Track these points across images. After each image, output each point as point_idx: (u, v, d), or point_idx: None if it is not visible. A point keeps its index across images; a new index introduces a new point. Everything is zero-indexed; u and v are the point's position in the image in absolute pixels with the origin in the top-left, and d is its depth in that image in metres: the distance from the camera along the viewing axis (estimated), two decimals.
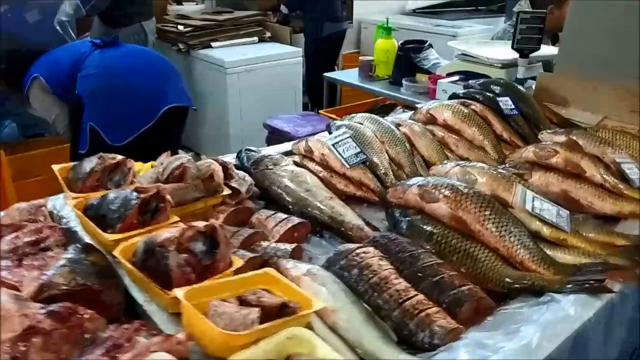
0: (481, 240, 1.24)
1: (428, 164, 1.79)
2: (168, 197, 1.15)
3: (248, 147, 1.65)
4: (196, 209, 1.35)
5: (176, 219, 1.16)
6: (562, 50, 2.24)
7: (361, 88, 3.31)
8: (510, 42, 2.42)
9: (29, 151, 3.36)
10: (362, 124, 1.79)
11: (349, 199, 1.57)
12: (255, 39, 4.42)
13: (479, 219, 1.25)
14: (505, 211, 1.29)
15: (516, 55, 2.43)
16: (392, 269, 1.12)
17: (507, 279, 1.15)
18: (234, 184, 1.44)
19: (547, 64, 2.86)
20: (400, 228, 1.35)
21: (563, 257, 1.24)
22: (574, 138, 1.79)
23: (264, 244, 1.25)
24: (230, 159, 1.65)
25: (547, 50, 2.49)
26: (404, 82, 3.12)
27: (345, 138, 1.65)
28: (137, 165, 1.55)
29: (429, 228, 1.29)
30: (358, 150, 1.63)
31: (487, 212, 1.26)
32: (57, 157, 3.45)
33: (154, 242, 0.93)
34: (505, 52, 2.48)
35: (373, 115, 1.85)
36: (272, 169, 1.52)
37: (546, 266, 1.18)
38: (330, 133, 1.77)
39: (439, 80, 2.73)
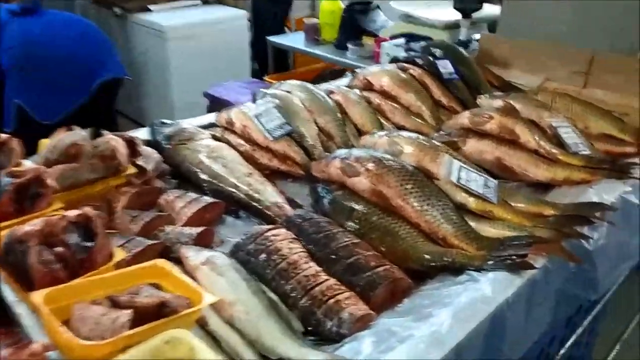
0: (403, 215, 1.16)
1: (362, 134, 1.70)
2: (49, 180, 1.02)
3: (162, 120, 1.51)
4: (94, 192, 1.22)
5: (59, 205, 1.04)
6: (504, 10, 2.16)
7: (305, 53, 3.17)
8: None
9: None
10: (290, 92, 1.67)
11: (273, 174, 1.47)
12: (198, 1, 4.17)
13: (400, 193, 1.17)
14: (429, 183, 1.21)
15: (459, 15, 2.33)
16: (302, 252, 1.03)
17: (427, 256, 1.08)
18: (140, 162, 1.31)
19: (494, 25, 2.78)
20: (323, 205, 1.26)
21: (488, 230, 1.17)
22: (511, 102, 1.72)
23: (168, 228, 1.14)
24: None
25: (492, 10, 2.40)
26: (349, 45, 2.99)
27: (270, 108, 1.53)
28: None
29: (350, 204, 1.20)
30: (283, 120, 1.51)
31: (409, 186, 1.18)
32: None
33: (13, 236, 0.81)
34: (448, 12, 2.37)
35: (302, 83, 1.73)
36: (185, 144, 1.40)
37: (469, 241, 1.11)
38: (255, 103, 1.65)
39: (382, 43, 2.62)
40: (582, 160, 1.50)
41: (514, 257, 1.03)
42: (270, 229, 1.07)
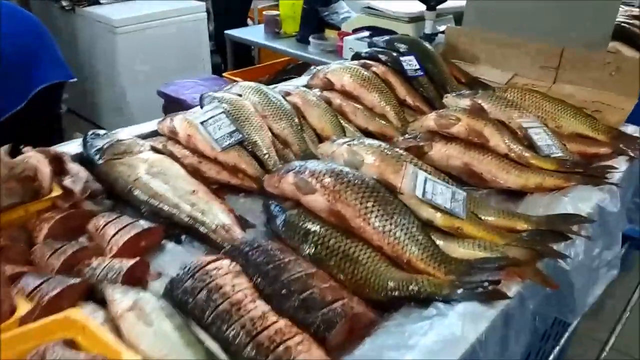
0: (364, 238, 1.04)
1: (322, 139, 1.57)
2: None
3: (95, 131, 1.35)
4: (12, 219, 1.06)
5: None
6: (469, 1, 2.05)
7: (265, 47, 3.01)
8: None
9: None
10: (241, 95, 1.53)
11: (223, 189, 1.33)
12: None
13: (359, 213, 1.04)
14: (392, 200, 1.09)
15: (424, 7, 2.21)
16: (248, 289, 0.90)
17: (390, 284, 0.96)
18: (66, 182, 1.15)
19: (461, 17, 2.68)
20: (276, 226, 1.13)
21: (457, 250, 1.06)
22: (479, 101, 1.61)
23: (95, 262, 0.99)
24: None
25: (458, 2, 2.29)
26: (311, 39, 2.85)
27: (217, 114, 1.39)
28: None
29: (305, 225, 1.08)
30: (232, 128, 1.37)
31: (370, 204, 1.05)
32: None
33: None
34: (412, 4, 2.25)
35: (256, 85, 1.58)
36: (120, 159, 1.24)
37: (436, 265, 1.00)
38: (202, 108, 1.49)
39: (345, 38, 2.48)
40: (555, 164, 1.41)
41: (486, 283, 0.93)
42: (211, 261, 0.94)
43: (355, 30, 2.52)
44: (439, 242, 1.07)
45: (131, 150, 1.27)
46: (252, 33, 3.18)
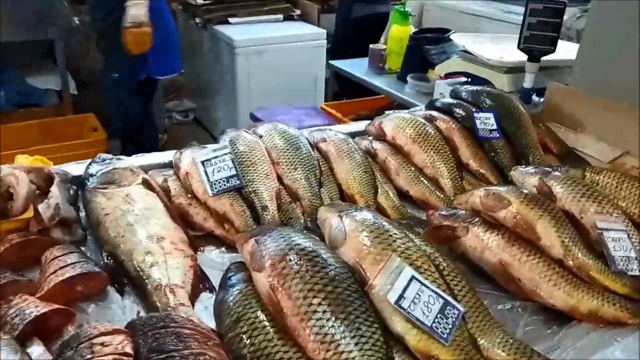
0: (298, 343, 0.83)
1: (346, 197, 1.36)
2: None
3: (102, 155, 1.31)
4: None
5: None
6: (580, 56, 1.67)
7: (360, 81, 2.85)
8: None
9: (19, 121, 3.26)
10: (262, 136, 1.39)
11: (208, 238, 1.20)
12: (280, 16, 4.04)
13: (299, 310, 0.83)
14: (353, 300, 0.86)
15: (525, 57, 1.87)
16: None
17: None
18: (40, 206, 1.11)
19: None
20: (217, 300, 0.97)
21: None
22: (549, 182, 1.28)
23: (15, 300, 0.92)
24: None
25: (569, 53, 1.90)
26: (408, 79, 2.62)
27: (222, 155, 1.27)
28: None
29: (240, 310, 0.89)
30: (233, 172, 1.24)
31: (316, 301, 0.83)
32: (52, 129, 3.34)
33: None
34: (516, 52, 1.92)
35: (287, 127, 1.43)
36: (104, 189, 1.18)
37: None
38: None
39: (437, 81, 2.22)
40: (629, 287, 1.04)
41: None
42: (103, 333, 0.80)
43: (452, 75, 2.24)
44: None
45: (119, 182, 1.20)
46: (356, 65, 3.04)
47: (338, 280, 0.87)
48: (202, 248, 1.17)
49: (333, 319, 0.82)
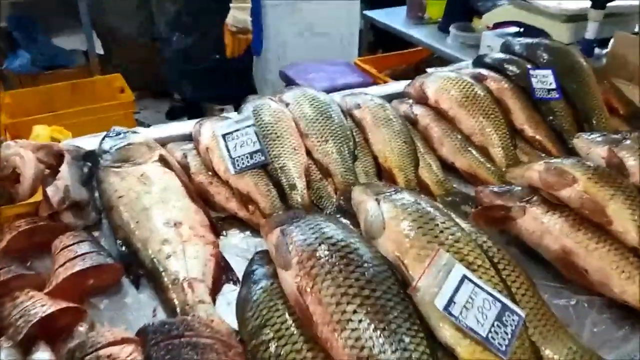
0: (332, 358, 0.72)
1: (383, 171, 1.22)
2: None
3: (117, 128, 1.20)
4: None
5: None
6: None
7: (397, 32, 2.63)
8: None
9: (47, 83, 3.20)
10: (289, 104, 1.25)
11: (232, 222, 1.10)
12: None
13: (331, 318, 0.71)
14: (395, 305, 0.73)
15: (588, 3, 1.63)
16: None
17: None
18: (48, 189, 1.02)
19: None
20: (240, 296, 0.87)
21: None
22: (621, 153, 1.10)
23: (20, 298, 0.84)
24: None
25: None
26: (451, 29, 2.39)
27: (245, 127, 1.14)
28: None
29: (266, 312, 0.79)
30: (257, 147, 1.11)
31: (350, 308, 0.72)
32: (79, 91, 3.27)
33: None
34: None
35: (316, 93, 1.28)
36: (118, 167, 1.07)
37: None
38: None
39: (484, 33, 2.01)
40: None
41: None
42: (112, 343, 0.71)
43: (500, 25, 2.01)
44: None
45: (134, 159, 1.09)
46: (393, 15, 2.80)
47: (376, 282, 0.75)
48: (224, 232, 1.07)
49: (371, 328, 0.70)
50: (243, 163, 1.09)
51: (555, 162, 1.07)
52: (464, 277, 0.77)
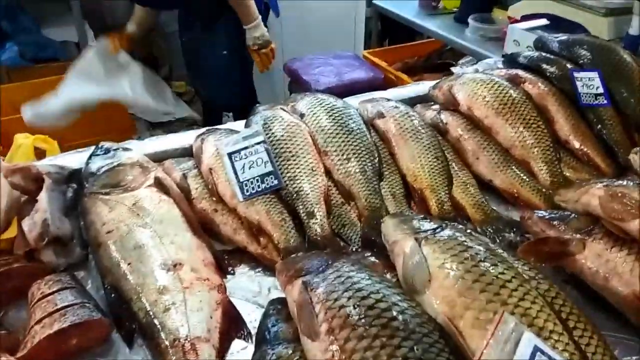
0: None
1: (412, 193, 1.06)
2: None
3: (106, 144, 1.03)
4: None
5: None
6: None
7: (410, 24, 2.45)
8: None
9: (36, 77, 3.02)
10: (303, 115, 1.09)
11: (240, 255, 0.94)
12: None
13: None
14: None
15: None
16: None
17: None
18: (24, 223, 0.86)
19: None
20: (265, 350, 0.71)
21: None
22: None
23: None
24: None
25: None
26: (470, 20, 2.22)
27: (254, 145, 0.98)
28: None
29: None
30: (269, 169, 0.95)
31: None
32: None
33: None
34: None
35: (333, 101, 1.12)
36: (107, 194, 0.91)
37: None
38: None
39: (510, 25, 1.83)
40: None
41: None
42: None
43: (528, 17, 1.84)
44: None
45: (125, 183, 0.93)
46: (404, 5, 2.62)
47: (416, 337, 0.60)
48: (232, 269, 0.91)
49: None
50: (253, 187, 0.93)
51: (619, 185, 0.91)
52: (536, 348, 0.62)
